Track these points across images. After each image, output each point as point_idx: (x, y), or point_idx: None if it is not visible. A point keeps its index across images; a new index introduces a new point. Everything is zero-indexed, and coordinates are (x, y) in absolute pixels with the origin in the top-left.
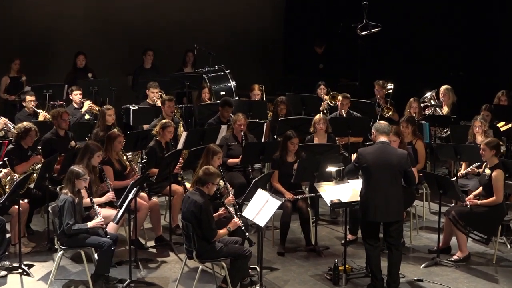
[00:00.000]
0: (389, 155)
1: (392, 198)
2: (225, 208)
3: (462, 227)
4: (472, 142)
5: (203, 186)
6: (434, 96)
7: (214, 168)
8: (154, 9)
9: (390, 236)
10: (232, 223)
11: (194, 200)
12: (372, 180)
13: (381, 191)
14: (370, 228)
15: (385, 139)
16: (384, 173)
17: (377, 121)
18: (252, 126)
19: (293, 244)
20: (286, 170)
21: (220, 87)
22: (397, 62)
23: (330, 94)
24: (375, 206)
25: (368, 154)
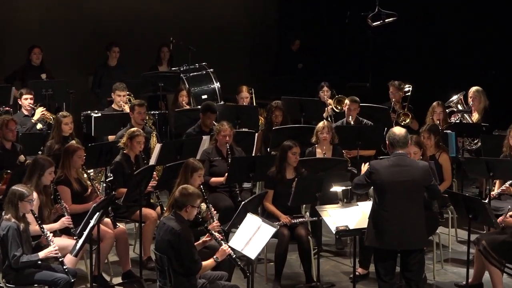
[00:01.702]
0: (409, 168)
1: (413, 222)
2: (210, 235)
3: (496, 260)
4: (507, 156)
5: (181, 209)
6: (461, 100)
7: (193, 187)
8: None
9: (410, 270)
10: (219, 251)
11: (170, 227)
12: (388, 199)
13: (399, 213)
14: (385, 260)
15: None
16: (403, 191)
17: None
18: (240, 136)
19: (291, 280)
20: (284, 189)
21: (202, 89)
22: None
23: (335, 97)
24: (392, 231)
25: (383, 168)
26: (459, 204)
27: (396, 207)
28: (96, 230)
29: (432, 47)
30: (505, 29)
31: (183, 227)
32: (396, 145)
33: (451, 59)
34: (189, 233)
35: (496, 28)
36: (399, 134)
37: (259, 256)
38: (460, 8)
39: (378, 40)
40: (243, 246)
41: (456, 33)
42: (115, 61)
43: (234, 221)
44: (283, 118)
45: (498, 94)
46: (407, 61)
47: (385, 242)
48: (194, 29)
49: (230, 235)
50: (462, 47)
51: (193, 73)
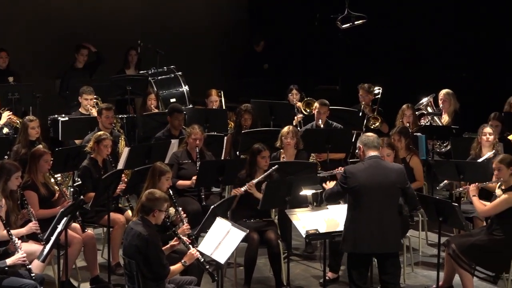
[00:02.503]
0: (385, 171)
1: (390, 224)
2: (177, 239)
3: (465, 264)
4: (475, 158)
5: (148, 214)
6: (431, 103)
7: (160, 192)
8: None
9: (387, 272)
10: (187, 255)
11: (137, 232)
12: (365, 203)
13: (377, 216)
14: (360, 264)
15: (376, 154)
16: (380, 194)
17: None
18: (209, 140)
19: (261, 284)
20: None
21: (170, 92)
22: (386, 61)
23: (304, 100)
24: (371, 234)
25: (359, 171)
26: (429, 207)
27: (373, 210)
28: (64, 235)
29: (402, 50)
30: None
31: (150, 232)
32: (369, 147)
33: (421, 62)
34: (156, 238)
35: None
36: (371, 136)
37: (229, 260)
38: (429, 10)
39: (348, 42)
40: (212, 251)
41: (426, 36)
42: (82, 64)
43: (203, 225)
44: (253, 121)
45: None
46: (377, 64)
47: (364, 246)
48: (162, 32)
49: (199, 239)
50: (432, 50)
51: (161, 77)
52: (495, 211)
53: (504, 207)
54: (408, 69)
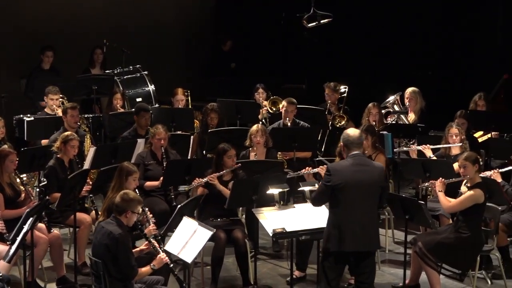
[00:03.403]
0: (369, 168)
1: (371, 223)
2: (148, 242)
3: (432, 261)
4: (443, 156)
5: (121, 215)
6: (398, 101)
7: (134, 193)
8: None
9: (363, 272)
10: (157, 260)
11: (108, 230)
12: (350, 200)
13: (360, 213)
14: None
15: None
16: (364, 191)
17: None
18: (175, 139)
19: (228, 283)
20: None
21: (136, 92)
22: (353, 60)
23: (270, 99)
24: (354, 232)
25: (344, 168)
26: (395, 205)
27: (357, 207)
28: (30, 236)
29: (368, 48)
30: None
31: (122, 232)
32: (351, 146)
33: (387, 60)
34: (127, 238)
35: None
36: (353, 135)
37: (196, 259)
38: (395, 10)
39: (314, 41)
40: (179, 250)
41: (392, 34)
42: (48, 65)
43: (170, 224)
44: (219, 120)
45: (434, 95)
46: (343, 62)
47: (349, 245)
48: (128, 31)
49: (166, 239)
50: (398, 48)
51: (127, 76)
52: (460, 208)
53: (469, 204)
54: (374, 68)
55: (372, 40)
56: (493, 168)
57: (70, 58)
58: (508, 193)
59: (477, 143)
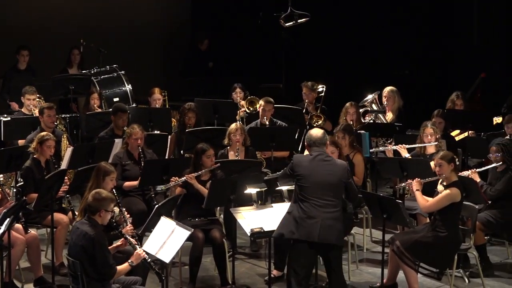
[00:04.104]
0: (331, 162)
1: (334, 217)
2: (124, 239)
3: (409, 260)
4: (419, 155)
5: (95, 214)
6: (376, 100)
7: (107, 192)
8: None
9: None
10: (134, 255)
11: (84, 231)
12: (311, 192)
13: (321, 205)
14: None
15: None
16: (325, 184)
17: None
18: (152, 139)
19: (206, 283)
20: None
21: (113, 91)
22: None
23: (248, 98)
24: (314, 222)
25: (306, 161)
26: (373, 204)
27: (318, 199)
28: (7, 236)
29: (346, 48)
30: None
31: (97, 231)
32: (314, 144)
33: (365, 60)
34: (103, 238)
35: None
36: (316, 134)
37: (174, 259)
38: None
39: (291, 40)
40: (157, 250)
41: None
42: (24, 65)
43: (147, 224)
44: (196, 120)
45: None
46: (321, 62)
47: (301, 233)
48: (105, 31)
49: (144, 238)
50: (375, 47)
51: (104, 76)
52: (437, 207)
53: (446, 203)
54: (352, 67)
55: (349, 40)
56: (470, 167)
57: (47, 58)
58: (486, 193)
59: (454, 142)
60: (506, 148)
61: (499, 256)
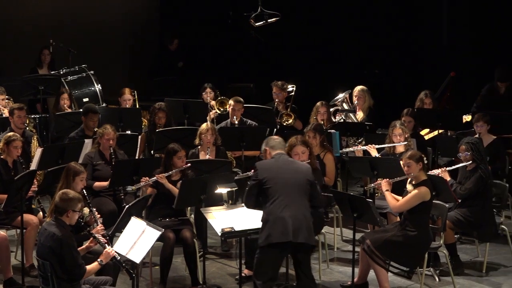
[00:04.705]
0: (294, 164)
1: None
2: (93, 239)
3: (380, 259)
4: (389, 154)
5: (62, 214)
6: (347, 99)
7: (74, 192)
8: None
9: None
10: (104, 254)
11: (51, 232)
12: (278, 193)
13: (289, 205)
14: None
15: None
16: (292, 185)
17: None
18: (123, 139)
19: (177, 283)
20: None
21: (83, 92)
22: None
23: (218, 99)
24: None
25: (269, 165)
26: (343, 203)
27: (288, 200)
28: None
29: (316, 47)
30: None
31: (64, 232)
32: (274, 148)
33: (335, 59)
34: (71, 238)
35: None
36: (275, 138)
37: (144, 260)
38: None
39: (261, 40)
40: (127, 250)
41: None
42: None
43: (118, 225)
44: (167, 120)
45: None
46: (291, 61)
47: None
48: (74, 31)
49: (115, 239)
50: (346, 47)
51: (73, 76)
52: (408, 207)
53: (416, 202)
54: (322, 66)
55: (320, 39)
56: (440, 165)
57: (16, 59)
58: (456, 192)
59: (424, 141)
60: (476, 147)
61: (469, 255)
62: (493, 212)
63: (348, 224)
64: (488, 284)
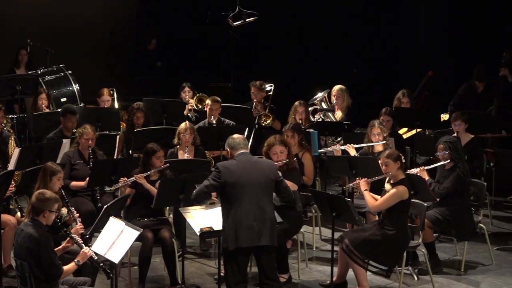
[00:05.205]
0: (257, 165)
1: (266, 218)
2: (70, 239)
3: (358, 258)
4: (368, 153)
5: (39, 215)
6: (326, 98)
7: (50, 192)
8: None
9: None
10: (81, 254)
11: (28, 233)
12: (240, 197)
13: (253, 207)
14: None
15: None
16: (256, 186)
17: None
18: (101, 139)
19: (155, 283)
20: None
21: (60, 92)
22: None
23: (197, 96)
24: (249, 227)
25: (232, 166)
26: (322, 202)
27: (252, 202)
28: None
29: (295, 46)
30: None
31: (41, 233)
32: (238, 146)
33: (314, 58)
34: (48, 239)
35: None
36: (238, 137)
37: (123, 260)
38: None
39: (240, 39)
40: (106, 250)
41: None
42: None
43: (96, 225)
44: (145, 119)
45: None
46: (270, 61)
47: (243, 240)
48: (52, 31)
49: (93, 239)
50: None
51: (51, 76)
52: (386, 206)
53: (394, 201)
54: (301, 66)
55: (298, 38)
56: (418, 164)
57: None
58: (435, 191)
59: (402, 140)
60: (454, 146)
61: (447, 253)
62: (471, 211)
63: (327, 223)
64: (467, 282)
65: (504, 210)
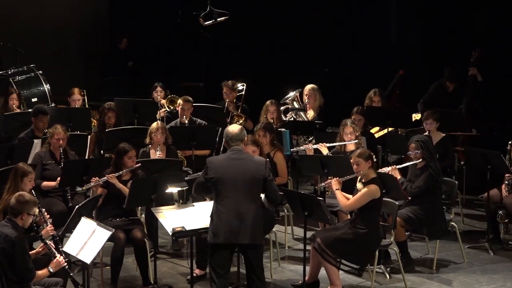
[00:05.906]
0: (245, 161)
1: (250, 216)
2: (44, 245)
3: (330, 257)
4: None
5: (16, 217)
6: (297, 97)
7: (30, 195)
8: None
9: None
10: (54, 263)
11: (4, 234)
12: (226, 192)
13: (235, 206)
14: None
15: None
16: (240, 184)
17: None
18: (72, 139)
19: (128, 283)
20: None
21: (31, 92)
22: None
23: (168, 97)
24: (231, 224)
25: (219, 161)
26: (294, 201)
27: (234, 200)
28: None
29: (266, 46)
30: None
31: (18, 234)
32: (231, 141)
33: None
34: (24, 241)
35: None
36: (233, 131)
37: (95, 260)
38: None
39: (211, 39)
40: (78, 251)
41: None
42: None
43: (68, 225)
44: (116, 119)
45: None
46: (241, 60)
47: (223, 236)
48: (22, 30)
49: (65, 239)
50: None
51: (22, 76)
52: (358, 205)
53: (366, 200)
54: (272, 65)
55: (269, 38)
56: (390, 163)
57: None
58: (407, 190)
59: (374, 139)
60: (425, 145)
61: (419, 252)
62: (443, 209)
63: (299, 223)
64: (439, 280)
65: (475, 208)
